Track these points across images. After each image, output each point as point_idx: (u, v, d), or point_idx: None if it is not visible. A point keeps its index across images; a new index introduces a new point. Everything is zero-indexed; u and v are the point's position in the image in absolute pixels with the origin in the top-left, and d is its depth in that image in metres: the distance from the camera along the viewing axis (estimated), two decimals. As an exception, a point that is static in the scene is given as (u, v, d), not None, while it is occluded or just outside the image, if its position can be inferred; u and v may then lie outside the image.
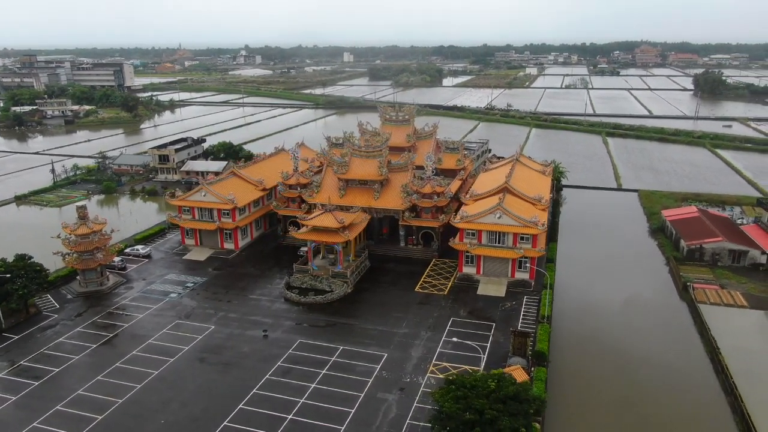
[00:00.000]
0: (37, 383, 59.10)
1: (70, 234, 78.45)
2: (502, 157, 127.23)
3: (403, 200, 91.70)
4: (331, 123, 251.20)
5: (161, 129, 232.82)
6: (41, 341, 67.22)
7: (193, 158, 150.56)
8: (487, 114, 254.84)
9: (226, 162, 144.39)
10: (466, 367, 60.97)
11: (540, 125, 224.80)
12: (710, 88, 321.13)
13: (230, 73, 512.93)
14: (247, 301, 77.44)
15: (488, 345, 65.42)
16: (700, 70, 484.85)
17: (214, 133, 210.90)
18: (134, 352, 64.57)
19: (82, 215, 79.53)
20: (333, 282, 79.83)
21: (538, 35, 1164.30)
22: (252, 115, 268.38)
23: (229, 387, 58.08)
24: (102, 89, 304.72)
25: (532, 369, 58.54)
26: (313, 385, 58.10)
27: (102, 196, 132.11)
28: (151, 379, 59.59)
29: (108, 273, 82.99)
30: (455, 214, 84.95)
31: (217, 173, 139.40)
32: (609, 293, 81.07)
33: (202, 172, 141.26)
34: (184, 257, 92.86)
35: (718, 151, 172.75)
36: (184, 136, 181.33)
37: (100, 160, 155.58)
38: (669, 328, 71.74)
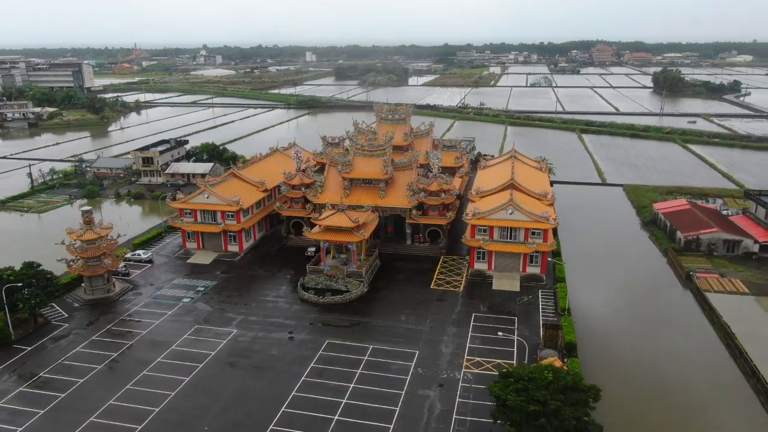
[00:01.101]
0: (63, 395, 56.93)
1: (75, 240, 75.68)
2: (491, 155, 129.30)
3: (409, 198, 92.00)
4: (305, 123, 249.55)
5: (130, 131, 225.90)
6: (57, 352, 64.73)
7: (177, 160, 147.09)
8: (461, 112, 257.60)
9: (212, 164, 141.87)
10: (499, 361, 61.95)
11: (514, 123, 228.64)
12: (670, 85, 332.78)
13: (192, 73, 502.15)
14: (263, 304, 76.40)
15: (515, 339, 66.45)
16: (654, 69, 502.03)
17: (188, 135, 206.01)
18: (159, 360, 62.90)
19: (88, 220, 76.88)
20: (349, 282, 79.51)
21: (496, 35, 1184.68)
22: (225, 115, 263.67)
23: (266, 390, 57.31)
24: (62, 91, 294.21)
25: (565, 360, 59.82)
26: (352, 385, 57.90)
27: (84, 201, 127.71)
28: (184, 385, 58.22)
29: (114, 279, 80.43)
30: (467, 212, 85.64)
31: (203, 175, 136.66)
32: (616, 284, 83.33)
33: (188, 174, 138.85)
34: (188, 261, 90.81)
35: (689, 146, 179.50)
36: (157, 138, 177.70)
37: (77, 163, 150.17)
38: (680, 316, 74.37)
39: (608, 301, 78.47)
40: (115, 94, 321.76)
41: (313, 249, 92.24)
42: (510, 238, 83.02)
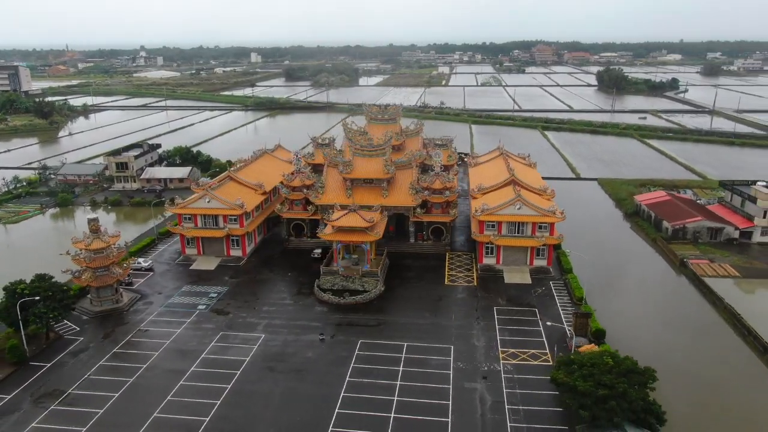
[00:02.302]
0: (101, 411, 54.62)
1: (83, 249, 72.39)
2: (476, 153, 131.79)
3: (413, 197, 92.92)
4: (268, 125, 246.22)
5: (82, 137, 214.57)
6: (80, 367, 61.90)
7: (150, 165, 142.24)
8: (423, 112, 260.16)
9: (189, 168, 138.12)
10: (533, 351, 63.97)
11: (477, 121, 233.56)
12: (614, 83, 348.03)
13: (135, 75, 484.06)
14: (283, 307, 75.54)
15: (542, 329, 68.65)
16: (593, 67, 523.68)
17: (148, 139, 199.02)
18: (193, 369, 61.29)
19: (95, 228, 73.71)
20: (366, 281, 79.68)
21: (439, 36, 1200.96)
22: (182, 118, 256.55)
23: (314, 393, 56.93)
24: (1, 95, 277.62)
25: (598, 346, 62.33)
26: (398, 383, 58.34)
27: (57, 210, 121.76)
28: (228, 393, 57.05)
29: (121, 289, 77.45)
30: (475, 209, 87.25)
31: (181, 179, 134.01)
32: (614, 273, 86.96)
33: (165, 179, 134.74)
34: (191, 267, 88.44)
35: (648, 141, 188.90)
36: (113, 144, 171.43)
37: (40, 171, 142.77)
38: (682, 299, 78.73)
39: (610, 289, 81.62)
40: (58, 98, 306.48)
41: (318, 251, 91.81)
42: (518, 233, 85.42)
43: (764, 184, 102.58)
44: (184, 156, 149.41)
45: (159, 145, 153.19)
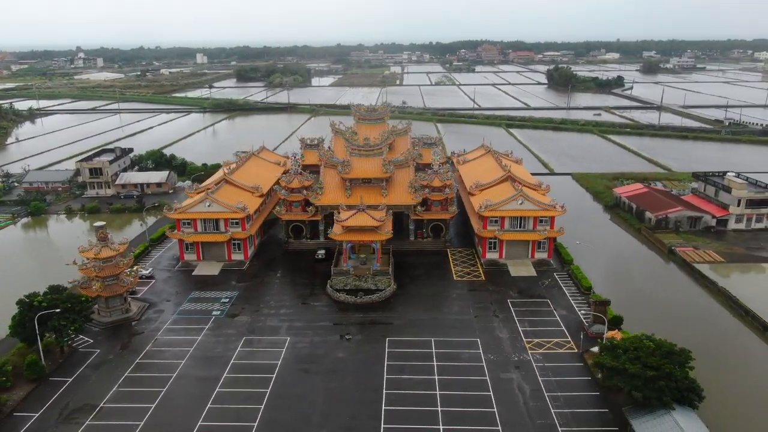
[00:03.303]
0: (141, 423, 53.06)
1: (92, 258, 69.73)
2: (461, 151, 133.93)
3: (413, 195, 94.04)
4: (229, 127, 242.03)
5: (33, 143, 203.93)
6: (105, 380, 59.77)
7: (123, 170, 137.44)
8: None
9: (167, 172, 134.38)
10: (557, 340, 66.43)
11: (441, 120, 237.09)
12: (564, 81, 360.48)
13: (77, 77, 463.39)
14: (300, 309, 75.18)
15: (558, 318, 71.27)
16: (539, 66, 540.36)
17: (110, 143, 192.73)
18: (226, 375, 60.34)
19: (103, 236, 71.18)
20: (378, 280, 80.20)
21: (386, 35, 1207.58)
22: (138, 121, 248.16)
23: (356, 392, 57.21)
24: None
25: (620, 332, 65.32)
26: (437, 377, 59.37)
27: (29, 219, 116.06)
28: (269, 397, 56.54)
29: (129, 299, 75.05)
30: (480, 205, 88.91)
31: (159, 184, 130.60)
32: (607, 262, 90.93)
33: (142, 184, 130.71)
34: (194, 273, 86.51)
35: (608, 136, 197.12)
36: (72, 149, 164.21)
37: (3, 179, 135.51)
38: (676, 285, 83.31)
39: (610, 278, 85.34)
40: (9, 101, 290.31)
41: (322, 252, 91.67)
42: (520, 227, 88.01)
43: (734, 174, 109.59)
44: (158, 160, 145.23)
45: (131, 149, 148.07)
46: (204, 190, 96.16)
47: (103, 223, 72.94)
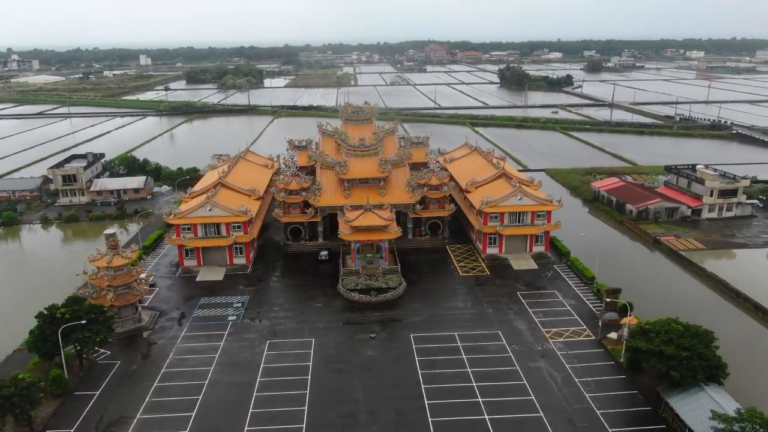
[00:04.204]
0: (186, 431, 52.19)
1: (105, 267, 67.56)
2: (445, 150, 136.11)
3: (411, 194, 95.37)
4: (190, 130, 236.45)
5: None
6: (135, 391, 58.24)
7: (97, 176, 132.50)
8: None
9: (145, 177, 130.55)
10: (573, 328, 69.35)
11: (406, 120, 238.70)
12: (516, 80, 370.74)
13: (13, 80, 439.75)
14: (316, 310, 75.25)
15: (569, 308, 74.29)
16: (487, 66, 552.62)
17: (69, 149, 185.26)
18: (260, 379, 59.92)
19: (114, 244, 69.07)
20: (389, 278, 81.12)
21: (332, 36, 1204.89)
22: (93, 126, 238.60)
23: (394, 389, 58.05)
24: None
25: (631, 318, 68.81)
26: (470, 369, 60.96)
27: (1, 230, 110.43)
28: (310, 398, 56.61)
29: (139, 308, 73.10)
30: (482, 201, 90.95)
31: (136, 190, 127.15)
32: (603, 252, 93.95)
33: (119, 190, 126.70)
34: (197, 279, 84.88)
35: (571, 133, 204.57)
36: (26, 156, 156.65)
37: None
38: (668, 271, 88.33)
39: (603, 267, 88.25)
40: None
41: (325, 253, 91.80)
42: (519, 222, 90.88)
43: (703, 167, 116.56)
44: (130, 165, 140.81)
45: (103, 155, 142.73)
46: (199, 194, 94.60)
47: (113, 230, 70.74)
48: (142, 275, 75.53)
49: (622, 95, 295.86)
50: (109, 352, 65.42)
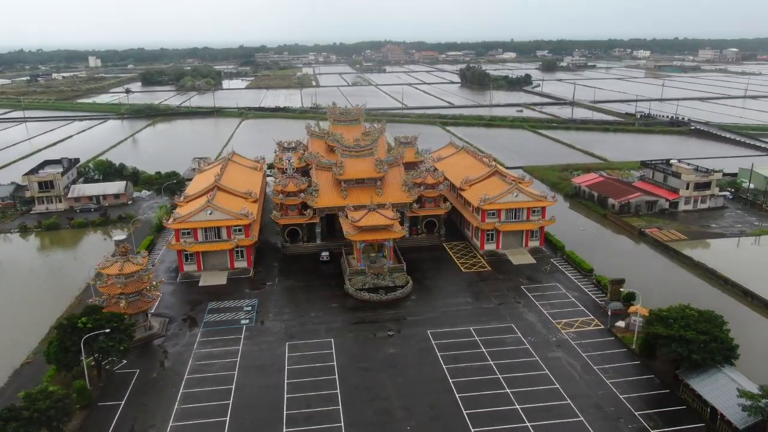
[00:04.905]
0: (224, 436, 51.89)
1: (117, 274, 66.00)
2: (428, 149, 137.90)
3: (407, 193, 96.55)
4: (156, 133, 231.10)
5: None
6: (161, 400, 57.24)
7: (73, 182, 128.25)
8: (316, 113, 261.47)
9: (125, 182, 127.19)
10: (581, 318, 72.03)
11: (375, 119, 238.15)
12: (477, 80, 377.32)
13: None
14: (329, 311, 75.53)
15: (574, 299, 77.05)
16: (446, 66, 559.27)
17: (30, 156, 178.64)
18: (288, 381, 59.91)
19: (124, 251, 67.53)
20: (396, 277, 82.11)
21: (288, 36, 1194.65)
22: (52, 131, 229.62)
23: (424, 384, 59.01)
24: None
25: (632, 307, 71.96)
26: (492, 362, 62.60)
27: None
28: (342, 396, 57.05)
29: (149, 314, 71.69)
30: (481, 198, 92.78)
31: (116, 195, 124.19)
32: (592, 245, 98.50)
33: (98, 196, 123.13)
34: (200, 285, 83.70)
35: (539, 131, 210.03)
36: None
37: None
38: (657, 261, 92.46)
39: (596, 260, 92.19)
40: None
41: (326, 254, 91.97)
42: (515, 218, 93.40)
43: (676, 161, 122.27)
44: (106, 170, 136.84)
45: (77, 160, 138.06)
46: (194, 198, 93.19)
47: (123, 236, 69.62)
48: (159, 282, 74.17)
49: (581, 94, 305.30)
50: (125, 361, 63.92)
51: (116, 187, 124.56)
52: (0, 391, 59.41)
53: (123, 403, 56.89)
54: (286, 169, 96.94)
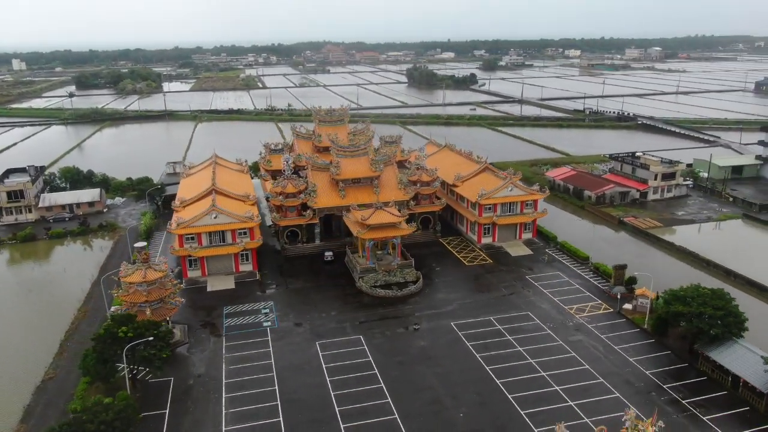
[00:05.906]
0: (282, 436, 52.09)
1: (140, 282, 64.38)
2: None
3: (404, 191, 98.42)
4: (106, 138, 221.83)
5: None
6: (206, 407, 56.57)
7: (41, 191, 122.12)
8: (272, 115, 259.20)
9: (99, 189, 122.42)
10: (591, 303, 76.26)
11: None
12: (424, 80, 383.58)
13: None
14: (350, 308, 76.51)
15: (578, 286, 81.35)
16: (388, 66, 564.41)
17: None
18: (330, 378, 60.55)
19: (145, 258, 66.00)
20: (407, 273, 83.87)
21: (223, 36, 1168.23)
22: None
23: (462, 374, 61.06)
24: None
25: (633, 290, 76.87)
26: (521, 349, 65.53)
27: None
28: (389, 392, 58.23)
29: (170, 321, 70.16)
30: (479, 194, 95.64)
31: (91, 203, 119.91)
32: (579, 235, 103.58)
33: (71, 205, 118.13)
34: (209, 290, 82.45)
35: (497, 128, 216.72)
36: None
37: None
38: (640, 247, 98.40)
39: (586, 248, 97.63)
40: None
41: (329, 253, 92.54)
42: (509, 212, 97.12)
43: (641, 153, 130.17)
44: (74, 178, 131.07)
45: (44, 167, 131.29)
46: (191, 203, 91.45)
47: (144, 243, 67.62)
48: (179, 287, 72.49)
49: (528, 92, 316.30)
50: (163, 370, 62.50)
51: (90, 194, 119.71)
52: (30, 409, 56.96)
53: (167, 411, 55.92)
54: (283, 170, 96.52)
